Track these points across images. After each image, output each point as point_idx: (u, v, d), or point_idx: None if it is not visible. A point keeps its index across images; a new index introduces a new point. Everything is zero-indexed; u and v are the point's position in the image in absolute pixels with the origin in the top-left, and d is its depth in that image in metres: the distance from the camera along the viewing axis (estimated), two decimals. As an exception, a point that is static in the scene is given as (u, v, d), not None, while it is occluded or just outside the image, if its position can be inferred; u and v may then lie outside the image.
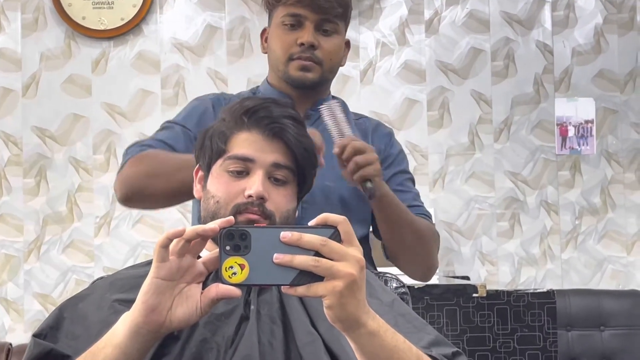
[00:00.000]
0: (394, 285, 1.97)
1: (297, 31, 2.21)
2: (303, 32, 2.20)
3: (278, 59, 2.25)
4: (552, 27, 4.41)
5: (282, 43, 2.23)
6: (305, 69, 2.22)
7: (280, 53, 2.24)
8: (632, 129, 4.41)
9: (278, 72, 2.27)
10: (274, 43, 2.26)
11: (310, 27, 2.20)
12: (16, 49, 4.11)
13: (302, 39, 2.20)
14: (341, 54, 2.30)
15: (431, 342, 1.59)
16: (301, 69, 2.22)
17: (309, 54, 2.21)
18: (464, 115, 4.34)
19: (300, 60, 2.21)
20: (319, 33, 2.22)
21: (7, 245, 4.03)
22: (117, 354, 1.36)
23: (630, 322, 4.01)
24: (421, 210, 2.34)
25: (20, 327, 4.02)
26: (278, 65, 2.26)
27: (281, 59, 2.24)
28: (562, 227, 4.37)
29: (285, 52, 2.23)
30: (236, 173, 1.63)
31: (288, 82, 2.25)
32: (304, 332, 1.57)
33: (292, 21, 2.21)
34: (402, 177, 2.37)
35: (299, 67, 2.22)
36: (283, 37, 2.23)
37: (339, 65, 2.32)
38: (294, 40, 2.21)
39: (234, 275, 1.27)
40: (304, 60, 2.21)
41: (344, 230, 1.29)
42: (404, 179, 2.38)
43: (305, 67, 2.22)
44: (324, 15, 2.21)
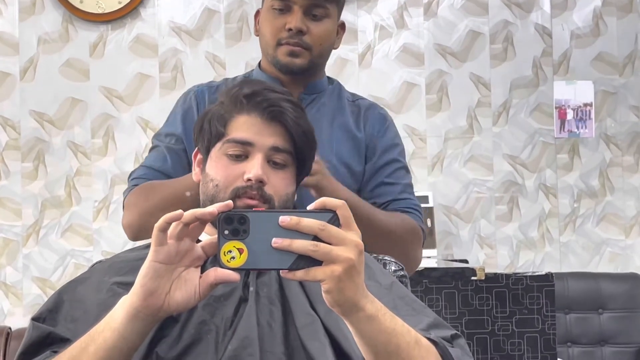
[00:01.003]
0: (392, 268, 1.97)
1: (286, 16, 2.19)
2: (291, 17, 2.18)
3: (267, 43, 2.23)
4: (551, 10, 4.40)
5: (271, 27, 2.20)
6: (293, 55, 2.19)
7: (269, 37, 2.22)
8: (630, 112, 4.40)
9: (268, 57, 2.25)
10: (264, 27, 2.23)
11: (298, 12, 2.18)
12: (14, 32, 4.10)
13: (290, 24, 2.17)
14: (333, 38, 2.28)
15: (430, 324, 1.60)
16: (289, 54, 2.19)
17: (297, 39, 2.18)
18: (462, 98, 4.33)
19: (289, 45, 2.19)
20: (308, 18, 2.19)
21: (6, 230, 4.03)
22: (115, 337, 1.36)
23: (628, 304, 4.03)
24: (407, 203, 2.30)
25: (19, 311, 4.03)
26: (267, 50, 2.23)
27: (270, 44, 2.22)
28: (561, 210, 4.37)
29: (274, 36, 2.20)
30: (235, 157, 1.63)
31: (276, 66, 2.23)
32: (303, 314, 1.57)
33: (281, 6, 2.19)
34: (391, 168, 2.34)
35: (287, 52, 2.19)
36: (272, 22, 2.20)
37: (330, 49, 2.30)
38: (282, 25, 2.18)
39: (233, 259, 1.27)
40: (292, 46, 2.18)
41: (343, 215, 1.29)
42: (395, 169, 2.35)
43: (294, 53, 2.19)
44: (312, 0, 2.18)
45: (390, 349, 1.40)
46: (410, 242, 2.26)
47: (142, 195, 2.12)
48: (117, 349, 1.37)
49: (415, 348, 1.44)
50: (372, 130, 2.32)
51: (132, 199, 2.14)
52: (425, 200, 3.96)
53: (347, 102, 2.36)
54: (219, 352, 1.50)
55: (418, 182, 4.24)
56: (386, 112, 2.44)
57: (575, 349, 3.99)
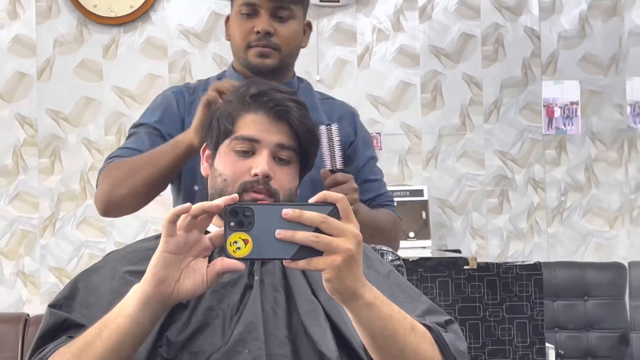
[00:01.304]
0: (389, 258, 1.97)
1: (254, 19, 2.17)
2: (259, 20, 2.16)
3: (238, 46, 2.21)
4: (540, 13, 4.39)
5: (240, 31, 2.19)
6: (264, 56, 2.18)
7: (239, 41, 2.20)
8: (615, 110, 4.40)
9: (239, 59, 2.23)
10: (234, 31, 2.22)
11: (265, 15, 2.16)
12: (31, 35, 4.10)
13: (257, 27, 2.16)
14: (300, 37, 2.26)
15: (425, 310, 1.60)
16: (259, 56, 2.18)
17: (266, 41, 2.17)
18: (455, 97, 4.33)
19: (258, 47, 2.17)
20: (275, 20, 2.18)
21: (24, 222, 4.04)
22: (128, 323, 1.36)
23: (612, 292, 4.03)
24: (387, 197, 2.34)
25: (36, 298, 4.03)
26: (239, 53, 2.22)
27: (241, 47, 2.20)
28: (549, 203, 4.37)
29: (243, 40, 2.19)
30: (242, 153, 1.64)
31: (248, 68, 2.21)
32: (305, 300, 1.57)
33: (248, 10, 2.17)
34: (371, 164, 2.35)
35: (257, 53, 2.18)
36: (240, 26, 2.19)
37: (298, 49, 2.29)
38: (250, 29, 2.17)
39: (238, 249, 1.27)
40: (261, 47, 2.17)
41: (343, 208, 1.30)
42: (373, 165, 2.37)
43: (263, 54, 2.18)
44: (278, 2, 2.17)
45: (387, 334, 1.40)
46: (395, 232, 2.33)
47: (114, 169, 2.12)
48: (129, 334, 1.37)
49: (411, 333, 1.44)
50: (349, 128, 2.31)
51: (105, 173, 2.14)
52: (420, 193, 3.97)
53: (318, 100, 2.34)
54: (226, 336, 1.51)
55: (414, 176, 4.25)
56: (353, 109, 2.43)
57: (562, 334, 3.99)
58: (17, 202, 4.02)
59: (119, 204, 2.15)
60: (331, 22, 4.27)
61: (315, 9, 4.24)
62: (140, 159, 2.10)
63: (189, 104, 2.23)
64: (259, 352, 1.47)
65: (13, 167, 4.05)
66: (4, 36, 4.08)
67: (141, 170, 2.07)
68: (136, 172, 2.08)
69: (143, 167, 2.07)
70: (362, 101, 4.25)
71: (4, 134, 4.06)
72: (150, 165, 2.07)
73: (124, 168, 2.11)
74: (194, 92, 2.26)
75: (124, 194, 2.11)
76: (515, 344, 3.03)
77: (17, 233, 4.04)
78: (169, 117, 2.22)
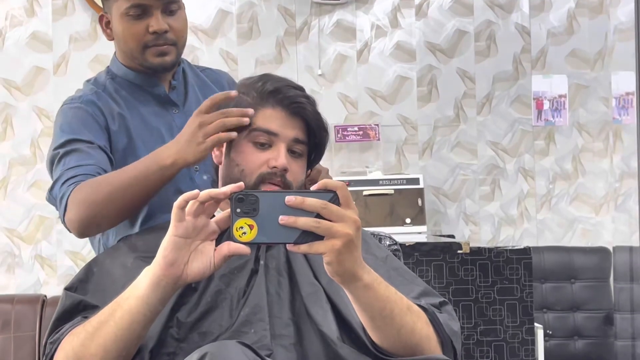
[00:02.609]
0: (387, 243, 1.98)
1: (145, 19, 1.98)
2: (152, 21, 1.97)
3: (132, 49, 2.02)
4: (530, 11, 4.38)
5: (133, 34, 2.00)
6: (163, 54, 2.01)
7: (133, 44, 2.01)
8: (600, 103, 4.39)
9: (135, 60, 2.04)
10: (124, 33, 2.02)
11: (157, 14, 1.98)
12: (47, 31, 4.09)
13: (153, 27, 1.97)
14: (187, 26, 2.08)
15: (420, 293, 1.61)
16: (159, 55, 2.01)
17: (163, 40, 1.99)
18: (450, 90, 4.32)
19: (157, 47, 2.00)
20: (166, 15, 2.00)
21: (42, 208, 4.03)
22: (140, 303, 1.37)
23: (597, 275, 4.03)
24: None
25: (53, 281, 4.04)
26: (133, 54, 2.03)
27: (136, 49, 2.01)
28: (538, 190, 4.37)
29: (138, 42, 2.00)
30: (260, 144, 1.64)
31: (149, 68, 2.04)
32: (307, 283, 1.58)
33: (138, 11, 1.98)
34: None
35: (156, 53, 2.00)
36: (132, 28, 2.00)
37: (186, 37, 2.10)
38: (144, 30, 1.98)
39: (244, 234, 1.28)
40: (160, 47, 2.00)
41: (342, 195, 1.30)
42: None
43: (163, 52, 2.01)
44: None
45: (384, 314, 1.41)
46: None
47: (91, 190, 1.82)
48: (140, 314, 1.37)
49: (407, 313, 1.45)
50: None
51: (79, 195, 1.82)
52: (416, 182, 3.96)
53: (200, 73, 2.22)
54: (233, 317, 1.51)
55: (410, 165, 4.25)
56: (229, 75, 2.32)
57: (550, 314, 4.00)
58: (35, 189, 4.02)
59: (103, 224, 1.89)
60: (332, 19, 4.26)
61: (317, 6, 4.23)
62: (119, 179, 1.82)
63: (103, 107, 2.04)
64: (263, 333, 1.48)
65: (31, 156, 4.05)
66: (22, 33, 4.07)
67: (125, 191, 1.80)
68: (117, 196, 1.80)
69: (127, 187, 1.80)
70: (362, 94, 4.25)
71: (23, 125, 4.05)
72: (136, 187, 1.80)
73: (104, 188, 1.81)
74: (98, 98, 2.05)
75: (109, 215, 1.84)
76: (506, 324, 3.04)
77: (35, 219, 4.04)
78: (94, 130, 1.98)
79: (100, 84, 2.11)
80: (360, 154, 4.21)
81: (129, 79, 2.10)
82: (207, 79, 2.22)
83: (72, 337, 1.45)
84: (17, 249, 4.03)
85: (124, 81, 2.11)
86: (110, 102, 2.06)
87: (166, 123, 2.09)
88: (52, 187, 1.94)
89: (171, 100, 2.11)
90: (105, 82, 2.11)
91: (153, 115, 2.09)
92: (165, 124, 2.09)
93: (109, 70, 2.14)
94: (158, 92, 2.10)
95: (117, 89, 2.10)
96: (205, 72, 2.25)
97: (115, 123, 2.03)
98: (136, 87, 2.10)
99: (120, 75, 2.11)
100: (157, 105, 2.10)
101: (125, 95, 2.09)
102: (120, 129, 2.03)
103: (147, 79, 2.09)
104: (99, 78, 2.14)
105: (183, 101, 2.14)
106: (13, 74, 4.05)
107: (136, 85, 2.10)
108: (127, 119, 2.05)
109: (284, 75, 1.76)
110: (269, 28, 4.21)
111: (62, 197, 1.87)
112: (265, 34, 4.21)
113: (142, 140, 2.04)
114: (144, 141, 2.04)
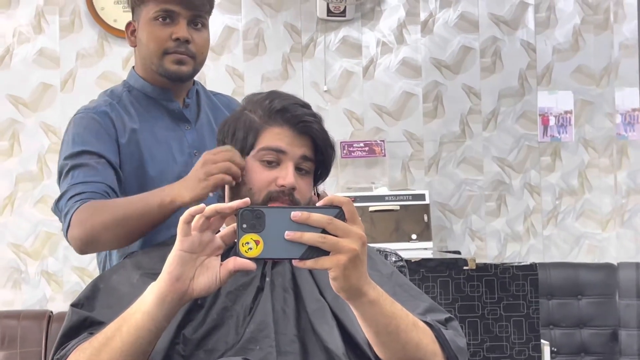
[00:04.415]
0: (393, 259, 1.97)
1: (171, 26, 2.05)
2: (177, 28, 2.04)
3: (152, 53, 2.07)
4: (535, 27, 4.39)
5: (156, 38, 2.05)
6: (181, 63, 2.06)
7: (154, 48, 2.06)
8: (606, 119, 4.39)
9: (152, 66, 2.09)
10: (147, 37, 2.07)
11: (183, 23, 2.05)
12: (55, 48, 4.11)
13: (177, 34, 2.04)
14: (208, 47, 2.14)
15: (426, 309, 1.60)
16: (176, 63, 2.06)
17: (184, 48, 2.05)
18: (455, 106, 4.33)
19: (177, 54, 2.05)
20: (191, 27, 2.06)
21: (48, 224, 4.04)
22: (145, 319, 1.37)
23: (604, 291, 4.02)
24: None
25: (60, 297, 4.04)
26: (152, 59, 2.08)
27: (156, 53, 2.06)
28: (544, 206, 4.36)
29: (159, 46, 2.05)
30: (267, 163, 1.65)
31: (164, 75, 2.08)
32: (313, 300, 1.58)
33: (166, 17, 2.05)
34: None
35: (174, 60, 2.06)
36: (157, 32, 2.05)
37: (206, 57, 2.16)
38: (168, 35, 2.04)
39: (250, 250, 1.28)
40: (179, 54, 2.05)
41: (348, 210, 1.30)
42: None
43: (181, 61, 2.06)
44: (196, 11, 2.06)
45: (390, 330, 1.40)
46: None
47: (94, 212, 1.86)
48: (146, 329, 1.37)
49: (413, 330, 1.44)
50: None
51: (83, 215, 1.86)
52: (422, 197, 3.96)
53: (212, 96, 2.28)
54: (239, 334, 1.51)
55: (416, 181, 4.24)
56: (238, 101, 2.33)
57: (556, 331, 3.98)
58: (42, 205, 4.03)
59: (101, 246, 1.97)
60: (338, 35, 4.27)
61: (323, 23, 4.25)
62: (123, 208, 1.85)
63: (115, 119, 2.07)
64: (269, 350, 1.48)
65: (38, 172, 4.06)
66: (29, 49, 4.09)
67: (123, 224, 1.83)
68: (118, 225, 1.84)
69: (124, 220, 1.83)
70: (367, 110, 4.25)
71: (30, 141, 4.06)
72: (133, 222, 1.83)
73: (105, 215, 1.85)
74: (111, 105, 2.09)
75: (108, 240, 1.88)
76: (512, 340, 3.03)
77: (42, 235, 4.05)
78: (104, 142, 2.02)
79: (116, 95, 2.15)
80: (366, 169, 4.21)
81: (145, 91, 2.14)
82: (219, 102, 2.26)
83: (79, 353, 1.45)
84: (23, 264, 4.04)
85: (140, 94, 2.14)
86: (122, 115, 2.08)
87: (177, 137, 2.11)
88: (59, 200, 1.97)
89: (184, 116, 2.14)
90: (121, 93, 2.15)
91: (165, 129, 2.11)
92: (176, 138, 2.11)
93: (126, 82, 2.19)
94: (172, 107, 2.13)
95: (132, 102, 2.13)
96: (217, 97, 2.29)
97: (125, 136, 2.05)
98: (151, 101, 2.13)
99: (137, 87, 2.15)
100: (170, 120, 2.13)
101: (139, 108, 2.12)
102: (130, 143, 2.05)
103: (163, 92, 2.13)
104: (116, 90, 2.18)
105: (195, 119, 2.17)
106: (20, 90, 4.06)
107: (151, 98, 2.14)
108: (138, 132, 2.07)
109: (290, 91, 1.76)
110: (275, 44, 4.22)
111: (67, 213, 1.91)
112: (271, 50, 4.22)
113: (151, 154, 2.06)
114: (152, 155, 2.06)
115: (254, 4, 4.23)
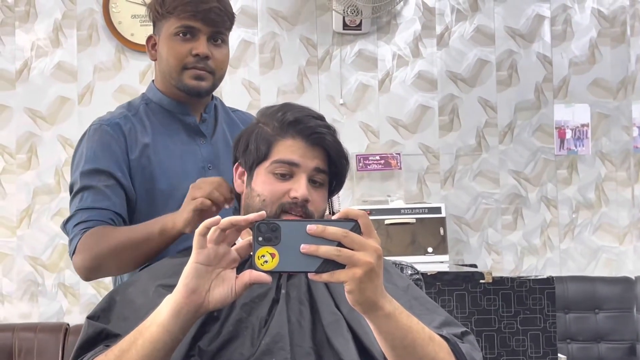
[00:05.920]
0: (409, 272, 1.97)
1: (191, 42, 2.06)
2: (197, 44, 2.06)
3: (172, 67, 2.09)
4: (551, 40, 4.38)
5: (177, 53, 2.07)
6: (200, 78, 2.08)
7: (174, 62, 2.08)
8: (623, 132, 4.38)
9: (172, 80, 2.11)
10: (168, 52, 2.09)
11: (204, 39, 2.06)
12: (72, 62, 4.13)
13: (197, 50, 2.06)
14: (228, 62, 2.17)
15: (442, 322, 1.59)
16: (195, 78, 2.08)
17: (203, 64, 2.07)
18: (471, 119, 4.32)
19: (196, 69, 2.07)
20: (211, 43, 2.08)
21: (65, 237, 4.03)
22: (161, 331, 1.36)
23: (621, 305, 4.00)
24: None
25: (76, 309, 4.05)
26: (171, 74, 2.10)
27: (175, 68, 2.08)
28: (561, 220, 4.35)
29: (179, 61, 2.07)
30: (281, 175, 1.64)
31: (183, 89, 2.10)
32: (328, 313, 1.57)
33: (187, 33, 2.07)
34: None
35: (193, 76, 2.08)
36: (177, 48, 2.07)
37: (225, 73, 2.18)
38: (188, 51, 2.06)
39: (266, 263, 1.27)
40: (198, 70, 2.07)
41: (364, 223, 1.30)
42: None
43: (200, 77, 2.08)
44: (216, 28, 2.08)
45: (406, 344, 1.40)
46: None
47: (99, 240, 1.92)
48: (162, 342, 1.37)
49: (429, 343, 1.44)
50: None
51: (87, 243, 1.93)
52: (438, 211, 3.95)
53: (231, 112, 2.29)
54: (254, 346, 1.51)
55: (432, 194, 4.24)
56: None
57: (574, 345, 3.96)
58: (59, 218, 4.04)
59: (105, 273, 2.02)
60: (354, 49, 4.28)
61: (339, 36, 4.26)
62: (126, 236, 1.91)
63: (128, 132, 2.08)
64: (285, 361, 1.48)
65: (55, 185, 4.08)
66: (47, 63, 4.11)
67: (126, 251, 1.89)
68: (122, 252, 1.90)
69: (127, 248, 1.89)
70: (383, 123, 4.25)
71: (47, 154, 4.09)
72: (136, 250, 1.88)
73: (107, 244, 1.91)
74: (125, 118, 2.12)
75: (111, 268, 1.96)
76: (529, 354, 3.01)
77: (59, 247, 4.06)
78: (115, 159, 2.04)
79: (133, 107, 2.17)
80: (382, 183, 4.21)
81: (162, 105, 2.15)
82: (237, 119, 2.27)
83: (95, 365, 1.45)
84: (40, 277, 4.05)
85: (157, 107, 2.16)
86: (136, 127, 2.09)
87: (191, 151, 2.12)
88: (67, 222, 2.03)
89: (200, 131, 2.15)
90: (138, 106, 2.17)
91: (180, 143, 2.12)
92: (190, 151, 2.11)
93: (145, 95, 2.21)
94: (189, 121, 2.14)
95: (149, 114, 2.14)
96: (236, 113, 2.31)
97: (136, 151, 2.06)
98: (168, 114, 2.15)
99: (155, 100, 2.17)
100: (186, 135, 2.14)
101: (154, 121, 2.13)
102: (141, 157, 2.06)
103: (180, 106, 2.14)
104: (134, 102, 2.21)
105: (211, 134, 2.18)
106: (38, 103, 4.09)
107: (168, 111, 2.15)
108: (150, 146, 2.08)
109: (305, 104, 1.76)
110: (291, 58, 4.23)
111: (72, 239, 1.98)
112: (287, 63, 4.23)
113: (162, 168, 2.07)
114: (163, 169, 2.07)
115: (270, 17, 4.25)
